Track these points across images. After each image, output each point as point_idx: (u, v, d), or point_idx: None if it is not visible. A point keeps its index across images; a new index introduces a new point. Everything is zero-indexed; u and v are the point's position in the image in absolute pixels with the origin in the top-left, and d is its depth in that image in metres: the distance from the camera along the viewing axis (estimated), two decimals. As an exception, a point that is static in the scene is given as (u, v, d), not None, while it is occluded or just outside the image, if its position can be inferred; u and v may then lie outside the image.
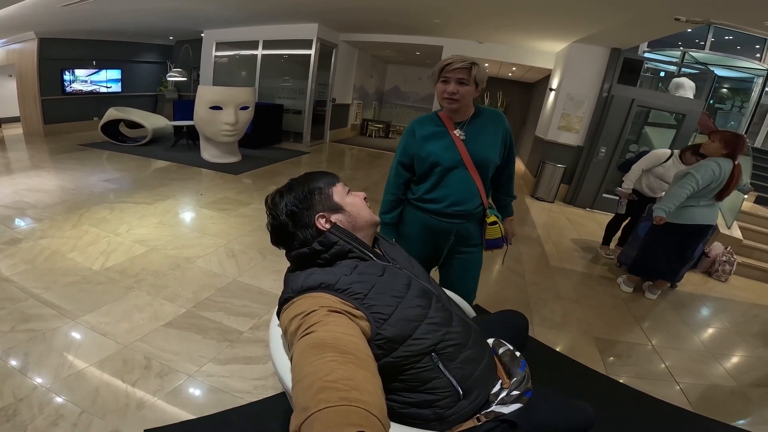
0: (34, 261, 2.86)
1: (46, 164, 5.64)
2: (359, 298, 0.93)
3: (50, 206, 3.98)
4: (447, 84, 1.59)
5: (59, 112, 7.96)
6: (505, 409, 1.05)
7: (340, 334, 0.78)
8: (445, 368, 1.00)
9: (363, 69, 10.63)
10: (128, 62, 9.42)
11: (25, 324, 2.15)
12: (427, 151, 1.69)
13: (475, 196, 1.72)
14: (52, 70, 7.77)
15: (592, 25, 5.04)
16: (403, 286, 1.03)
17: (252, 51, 8.63)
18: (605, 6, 4.27)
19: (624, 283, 3.53)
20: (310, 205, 1.09)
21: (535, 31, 6.06)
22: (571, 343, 2.62)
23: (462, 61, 1.55)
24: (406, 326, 0.96)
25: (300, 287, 0.96)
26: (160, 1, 5.87)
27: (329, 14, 6.69)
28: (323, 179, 1.14)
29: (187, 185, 5.17)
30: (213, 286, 2.77)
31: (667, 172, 3.68)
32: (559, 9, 4.66)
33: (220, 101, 5.96)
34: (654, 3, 3.81)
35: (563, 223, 5.49)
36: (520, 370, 1.16)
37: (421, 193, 1.75)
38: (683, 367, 2.52)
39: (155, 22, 7.59)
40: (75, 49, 8.15)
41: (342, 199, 1.12)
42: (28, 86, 7.66)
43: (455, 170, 1.68)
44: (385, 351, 0.93)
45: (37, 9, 5.56)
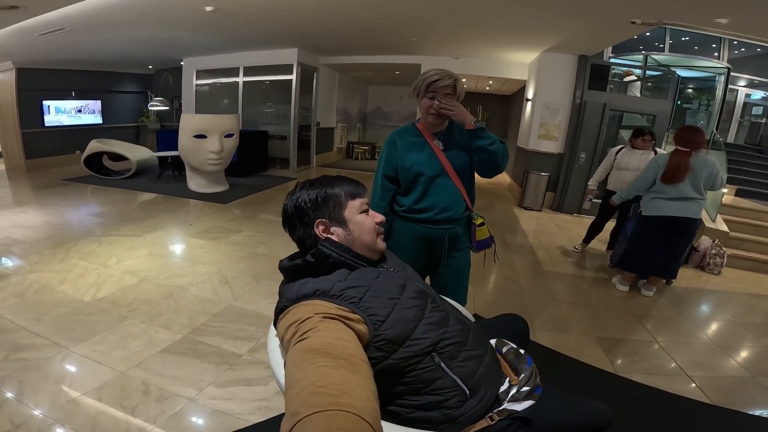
0: (23, 294, 2.80)
1: (29, 200, 5.57)
2: (355, 302, 0.94)
3: (37, 242, 3.92)
4: (434, 100, 1.65)
5: (41, 146, 7.89)
6: (517, 406, 1.06)
7: (333, 339, 0.78)
8: (447, 367, 1.01)
9: (345, 91, 10.81)
10: (108, 92, 9.39)
11: (17, 353, 2.11)
12: (410, 161, 1.75)
13: (460, 201, 1.80)
14: (32, 102, 7.71)
15: (557, 34, 5.30)
16: (398, 287, 1.04)
17: (233, 78, 8.72)
18: (566, 15, 4.50)
19: (619, 282, 3.59)
20: (318, 208, 1.09)
21: (505, 43, 6.31)
22: (575, 345, 2.63)
23: (449, 78, 1.63)
24: (404, 327, 0.97)
25: (295, 296, 0.96)
26: (136, 30, 5.91)
27: (307, 38, 6.85)
28: (346, 188, 1.13)
29: (175, 216, 5.15)
30: (208, 312, 2.74)
31: (624, 160, 4.00)
32: (523, 20, 4.91)
33: (204, 129, 5.97)
34: (610, 8, 4.04)
35: (553, 230, 5.60)
36: (527, 366, 1.17)
37: (409, 204, 1.79)
38: (693, 361, 2.54)
39: (133, 51, 7.63)
40: (54, 80, 8.11)
41: (352, 215, 1.11)
42: (8, 119, 7.58)
43: (438, 179, 1.74)
44: (386, 353, 0.94)
45: (14, 38, 5.58)
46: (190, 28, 5.92)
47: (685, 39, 7.38)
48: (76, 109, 8.68)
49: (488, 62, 7.69)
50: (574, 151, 6.35)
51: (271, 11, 5.05)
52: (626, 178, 3.92)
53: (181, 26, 5.74)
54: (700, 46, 7.47)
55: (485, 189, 8.40)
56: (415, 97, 1.73)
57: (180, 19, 5.34)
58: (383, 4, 4.71)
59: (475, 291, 3.29)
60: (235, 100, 8.83)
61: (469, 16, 4.94)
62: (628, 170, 3.95)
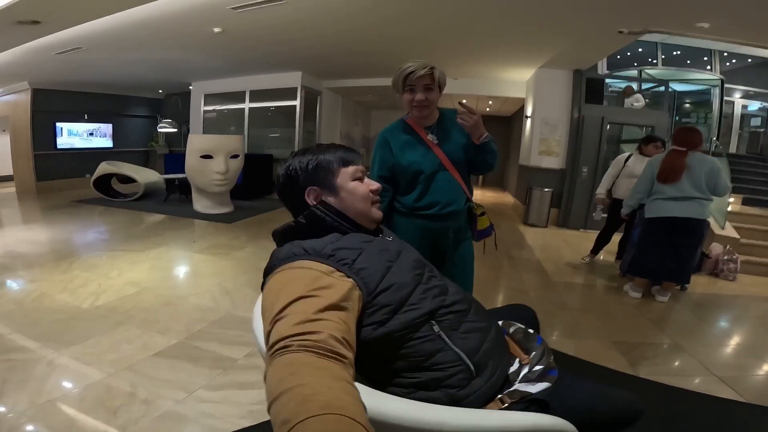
0: (22, 301, 2.79)
1: (38, 219, 5.64)
2: (348, 264, 0.89)
3: (41, 255, 3.93)
4: (414, 92, 1.62)
5: (52, 168, 8.05)
6: (531, 387, 0.95)
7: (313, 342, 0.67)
8: (448, 338, 0.93)
9: (348, 116, 10.93)
10: (119, 116, 9.63)
11: (5, 354, 2.07)
12: (407, 160, 1.71)
13: (461, 194, 1.77)
14: (45, 123, 7.91)
15: (550, 49, 5.38)
16: (393, 252, 0.99)
17: (240, 104, 8.91)
18: (555, 29, 4.57)
19: (631, 289, 3.48)
20: (308, 176, 1.06)
21: (501, 61, 6.40)
22: (590, 349, 2.52)
23: (423, 67, 1.57)
24: (400, 290, 0.91)
25: (286, 255, 0.92)
26: (148, 52, 6.10)
27: (310, 61, 7.00)
28: (339, 155, 1.09)
29: (180, 234, 5.16)
30: (206, 320, 2.69)
31: (635, 168, 3.91)
32: (515, 36, 4.99)
33: (210, 149, 6.06)
34: (597, 20, 4.11)
35: (559, 244, 5.51)
36: (537, 344, 1.08)
37: (411, 202, 1.76)
38: (719, 363, 2.43)
39: (144, 74, 7.84)
40: (67, 102, 8.34)
41: (344, 182, 1.07)
42: (21, 140, 7.76)
43: (438, 174, 1.71)
44: (380, 321, 0.87)
45: (32, 56, 5.77)
46: (199, 50, 6.09)
47: (677, 53, 7.50)
48: (88, 132, 8.92)
49: (487, 82, 7.79)
50: (576, 165, 6.34)
51: (275, 33, 5.19)
52: None
53: (191, 47, 5.91)
54: (692, 59, 7.57)
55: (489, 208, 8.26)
56: (396, 93, 1.69)
57: (190, 40, 5.51)
58: (380, 26, 4.82)
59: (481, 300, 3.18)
60: (241, 126, 9.01)
61: (464, 35, 5.04)
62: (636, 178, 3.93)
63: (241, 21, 4.62)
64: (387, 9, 4.23)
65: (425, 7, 4.15)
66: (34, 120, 7.67)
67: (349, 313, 0.79)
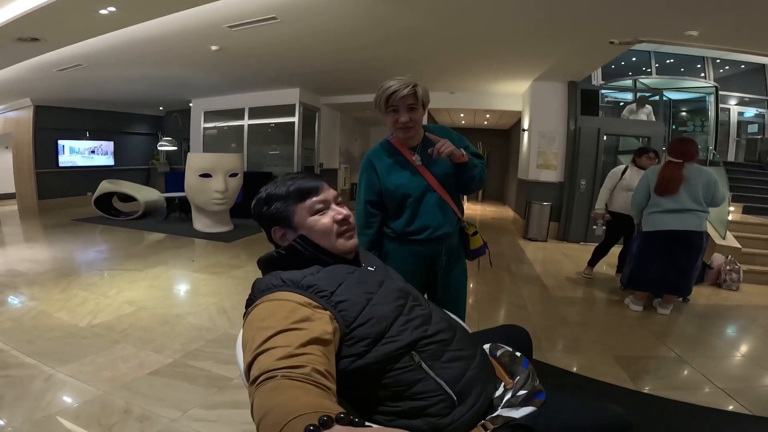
0: (20, 319, 2.80)
1: (39, 238, 5.67)
2: (325, 296, 0.89)
3: (41, 274, 3.96)
4: (398, 113, 1.55)
5: (54, 186, 8.11)
6: (514, 412, 0.95)
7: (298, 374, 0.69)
8: (429, 368, 0.92)
9: (347, 132, 11.01)
10: (121, 133, 9.73)
11: (3, 371, 2.09)
12: (394, 183, 1.65)
13: (452, 215, 1.72)
14: (47, 141, 7.98)
15: (543, 61, 5.47)
16: (375, 283, 0.99)
17: (239, 121, 8.99)
18: (547, 41, 4.66)
19: (632, 303, 3.47)
20: (268, 215, 1.06)
21: (496, 74, 6.48)
22: (590, 365, 2.50)
23: (406, 86, 1.50)
24: (379, 323, 0.90)
25: (266, 286, 0.93)
26: (148, 69, 6.22)
27: (308, 78, 7.12)
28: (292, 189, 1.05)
29: (179, 253, 5.18)
30: (202, 338, 2.69)
31: (632, 182, 3.91)
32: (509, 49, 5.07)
33: (209, 168, 6.11)
34: (588, 31, 4.20)
35: (560, 258, 5.50)
36: (522, 368, 1.07)
37: (401, 227, 1.69)
38: (724, 374, 2.40)
39: (145, 91, 7.96)
40: (69, 119, 8.44)
41: (302, 220, 1.03)
42: (23, 157, 7.82)
43: (426, 196, 1.65)
44: (358, 354, 0.87)
45: (34, 73, 5.89)
46: (197, 67, 6.22)
47: (670, 61, 7.62)
48: (90, 150, 9.01)
49: (483, 95, 7.87)
50: (574, 178, 6.37)
51: (271, 51, 5.31)
52: None
53: (190, 65, 6.04)
54: (685, 67, 7.67)
55: (489, 223, 8.40)
56: (379, 113, 1.63)
57: (188, 58, 5.63)
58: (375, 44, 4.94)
59: (479, 317, 3.21)
60: (240, 142, 9.08)
61: (458, 50, 5.16)
62: None
63: (237, 39, 4.74)
64: (381, 28, 4.35)
65: (420, 24, 4.25)
66: (36, 137, 7.74)
67: (330, 346, 0.80)
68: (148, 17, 3.87)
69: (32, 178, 7.80)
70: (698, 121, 7.82)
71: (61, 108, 8.24)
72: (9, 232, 5.94)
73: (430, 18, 4.08)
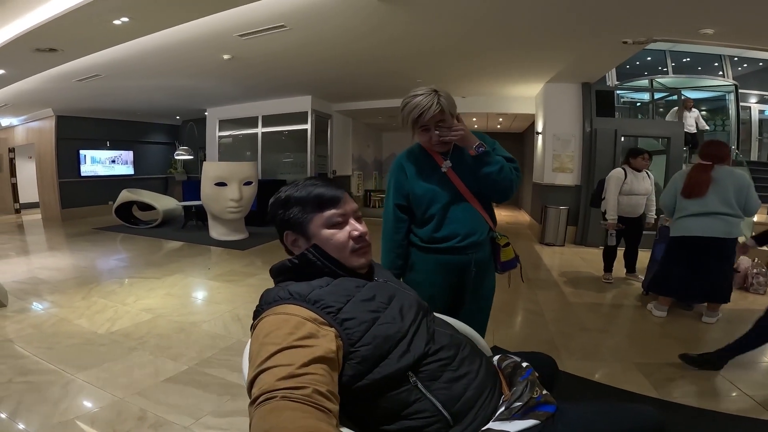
0: (41, 326, 2.88)
1: (61, 246, 5.83)
2: (332, 312, 0.87)
3: (62, 281, 4.07)
4: (429, 131, 1.52)
5: (76, 195, 8.36)
6: (508, 426, 0.90)
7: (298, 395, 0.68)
8: (425, 389, 0.90)
9: (359, 139, 11.02)
10: (139, 143, 9.98)
11: (23, 377, 2.15)
12: (423, 188, 1.60)
13: (482, 223, 1.64)
14: (69, 150, 8.24)
15: (556, 63, 5.40)
16: (385, 298, 0.97)
17: (253, 129, 9.12)
18: (559, 41, 4.59)
19: (655, 308, 3.37)
20: (284, 217, 1.03)
21: (508, 76, 6.41)
22: (610, 372, 2.45)
23: (431, 104, 1.46)
24: (383, 344, 0.88)
25: (273, 298, 0.92)
26: (163, 79, 6.37)
27: (319, 85, 7.17)
28: (314, 195, 1.01)
29: (195, 261, 5.26)
30: (217, 346, 2.72)
31: (632, 186, 3.89)
32: (520, 51, 5.01)
33: (224, 177, 6.20)
34: (601, 31, 4.13)
35: (578, 263, 5.39)
36: (521, 378, 1.01)
37: (428, 234, 1.62)
38: (752, 381, 2.31)
39: (161, 100, 8.13)
40: (90, 129, 8.69)
41: (317, 230, 1.00)
42: (46, 167, 8.08)
43: (455, 203, 1.59)
44: (359, 374, 0.85)
45: (54, 83, 6.07)
46: (211, 76, 6.34)
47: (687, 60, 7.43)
48: (110, 160, 9.25)
49: (495, 99, 7.80)
50: (591, 181, 6.15)
51: (281, 59, 5.38)
52: (638, 203, 3.94)
53: (203, 74, 6.17)
54: (703, 66, 7.48)
55: (504, 228, 8.27)
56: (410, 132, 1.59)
57: (201, 67, 5.75)
58: (385, 49, 4.95)
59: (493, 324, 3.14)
60: (255, 151, 9.20)
61: (469, 54, 5.13)
62: (638, 195, 3.95)
63: (248, 48, 4.82)
64: (390, 33, 4.36)
65: (429, 28, 4.25)
66: (58, 147, 7.99)
67: (333, 365, 0.78)
68: (161, 27, 3.95)
69: (55, 188, 8.05)
70: (718, 120, 7.62)
71: (81, 118, 8.51)
72: (32, 241, 6.13)
73: (440, 22, 4.07)
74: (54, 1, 3.45)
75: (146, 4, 3.41)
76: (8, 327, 2.85)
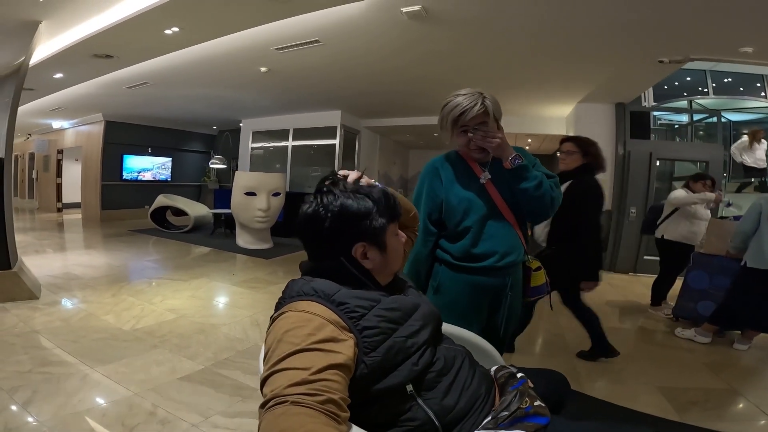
0: (69, 320, 3.00)
1: (97, 245, 6.09)
2: (354, 318, 0.85)
3: (94, 278, 4.23)
4: (469, 134, 1.40)
5: (116, 198, 8.77)
6: None
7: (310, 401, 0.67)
8: (420, 398, 0.89)
9: (386, 156, 11.02)
10: (177, 150, 10.40)
11: (43, 367, 2.23)
12: (458, 197, 1.45)
13: (519, 243, 1.50)
14: (114, 155, 8.68)
15: (589, 83, 5.26)
16: (406, 311, 0.94)
17: (283, 142, 9.32)
18: (591, 62, 4.50)
19: (698, 335, 3.18)
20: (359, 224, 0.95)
21: (539, 96, 6.27)
22: (631, 395, 2.34)
23: (475, 103, 1.35)
24: (396, 356, 0.87)
25: (296, 292, 0.90)
26: (205, 88, 6.65)
27: (350, 100, 7.28)
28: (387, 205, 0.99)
29: (221, 266, 5.38)
30: (234, 349, 2.76)
31: (697, 210, 3.67)
32: (553, 69, 4.92)
33: (254, 187, 6.37)
34: (636, 49, 4.00)
35: (604, 288, 5.12)
36: (511, 388, 0.98)
37: (463, 250, 1.46)
38: None
39: (201, 110, 8.46)
40: (134, 135, 9.15)
41: (390, 240, 0.99)
42: (91, 170, 8.55)
43: (492, 218, 1.45)
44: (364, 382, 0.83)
45: (106, 89, 6.44)
46: (248, 88, 6.56)
47: (728, 80, 7.08)
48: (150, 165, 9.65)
49: (525, 119, 7.62)
50: (623, 206, 5.98)
51: (314, 73, 5.52)
52: (699, 230, 3.70)
53: (241, 85, 6.40)
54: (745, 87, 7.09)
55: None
56: (444, 133, 1.47)
57: (240, 79, 5.97)
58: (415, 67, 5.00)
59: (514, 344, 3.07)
60: (284, 164, 9.39)
61: (498, 73, 5.11)
62: (702, 220, 3.72)
63: (283, 61, 4.98)
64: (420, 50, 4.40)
65: (460, 46, 4.26)
66: (104, 151, 8.42)
67: (348, 372, 0.77)
68: (206, 38, 4.18)
69: (98, 190, 8.48)
70: (763, 144, 7.24)
71: (127, 124, 8.99)
72: (71, 239, 6.43)
73: (470, 40, 4.09)
74: (112, 10, 3.70)
75: (194, 16, 3.64)
76: (37, 319, 2.98)
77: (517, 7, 3.38)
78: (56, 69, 5.25)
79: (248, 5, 3.41)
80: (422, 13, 3.43)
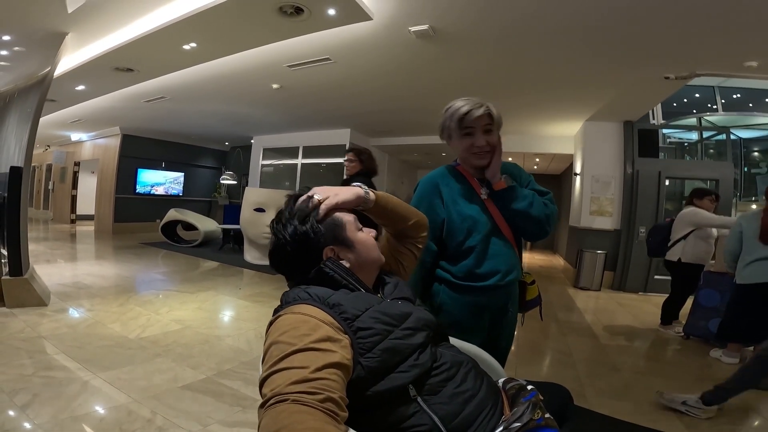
0: (76, 327, 3.03)
1: (108, 256, 6.17)
2: (349, 319, 0.86)
3: (103, 288, 4.29)
4: (473, 136, 1.36)
5: (128, 211, 8.91)
6: None
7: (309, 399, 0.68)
8: (424, 403, 0.88)
9: (394, 175, 11.08)
10: (190, 165, 10.57)
11: (46, 372, 2.25)
12: (461, 214, 1.39)
13: (517, 260, 1.47)
14: (129, 168, 8.85)
15: (596, 101, 5.28)
16: (400, 315, 0.95)
17: (293, 160, 9.44)
18: (597, 80, 4.53)
19: (725, 355, 3.13)
20: (323, 233, 0.99)
21: (546, 114, 6.29)
22: (638, 411, 2.30)
23: (479, 106, 1.33)
24: (391, 358, 0.87)
25: (292, 298, 0.91)
26: (219, 104, 6.83)
27: (359, 118, 7.39)
28: None
29: (228, 281, 5.41)
30: (237, 360, 2.75)
31: (712, 229, 3.61)
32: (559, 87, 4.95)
33: (264, 203, 6.43)
34: (641, 66, 4.03)
35: (613, 308, 5.10)
36: (524, 399, 0.97)
37: (466, 270, 1.40)
38: None
39: (214, 125, 8.64)
40: (149, 149, 9.32)
41: (354, 235, 1.03)
42: (106, 182, 8.71)
43: (493, 236, 1.40)
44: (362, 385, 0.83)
45: (124, 102, 6.64)
46: (260, 104, 6.72)
47: (737, 96, 7.02)
48: (163, 180, 9.81)
49: (532, 138, 7.62)
50: (632, 225, 5.92)
51: (325, 91, 5.65)
52: (712, 249, 3.67)
53: (253, 102, 6.56)
54: (754, 103, 7.03)
55: (536, 271, 8.00)
56: (446, 140, 1.45)
57: (252, 95, 6.13)
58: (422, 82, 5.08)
59: (517, 361, 3.02)
60: (293, 181, 9.51)
61: (506, 92, 5.18)
62: (713, 238, 3.67)
63: (295, 78, 5.11)
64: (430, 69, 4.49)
65: (467, 65, 4.34)
66: (120, 164, 8.60)
67: (346, 372, 0.78)
68: (222, 54, 4.33)
69: (111, 202, 8.63)
70: (772, 160, 7.19)
71: (142, 138, 9.21)
72: (82, 249, 6.53)
73: (478, 59, 4.16)
74: (134, 24, 3.86)
75: (211, 32, 3.78)
76: (45, 325, 3.02)
77: (524, 27, 3.45)
78: (79, 81, 5.44)
79: (262, 23, 3.53)
80: (430, 32, 3.51)
